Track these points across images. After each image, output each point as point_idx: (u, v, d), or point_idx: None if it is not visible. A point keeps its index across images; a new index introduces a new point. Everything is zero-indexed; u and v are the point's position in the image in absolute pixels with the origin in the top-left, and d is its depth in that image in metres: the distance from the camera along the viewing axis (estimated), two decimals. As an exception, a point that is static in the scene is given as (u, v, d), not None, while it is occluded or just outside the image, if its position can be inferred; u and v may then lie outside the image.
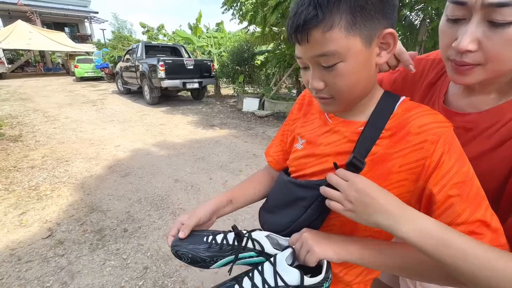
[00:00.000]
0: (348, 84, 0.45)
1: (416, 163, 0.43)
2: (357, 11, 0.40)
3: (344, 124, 0.53)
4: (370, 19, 0.41)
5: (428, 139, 0.42)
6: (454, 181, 0.41)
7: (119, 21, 25.72)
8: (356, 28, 0.41)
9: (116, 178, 3.04)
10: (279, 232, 0.54)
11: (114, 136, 4.57)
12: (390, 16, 0.43)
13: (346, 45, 0.41)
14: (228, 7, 5.63)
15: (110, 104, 7.59)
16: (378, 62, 0.46)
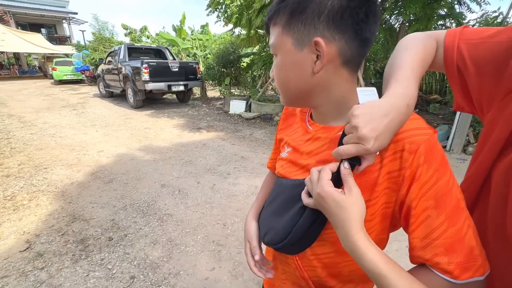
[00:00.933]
0: (279, 78, 0.50)
1: (398, 173, 0.43)
2: (296, 14, 0.44)
3: (323, 130, 0.53)
4: (305, 25, 0.43)
5: (406, 148, 0.41)
6: (432, 193, 0.40)
7: (99, 22, 24.91)
8: (290, 29, 0.45)
9: (99, 185, 2.93)
10: (280, 241, 0.52)
11: (97, 141, 4.42)
12: (334, 28, 0.42)
13: (280, 41, 0.47)
14: (213, 9, 5.60)
15: (92, 108, 7.33)
16: (314, 70, 0.46)
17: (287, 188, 0.56)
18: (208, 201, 2.65)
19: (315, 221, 0.47)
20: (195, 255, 1.93)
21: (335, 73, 0.47)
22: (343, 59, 0.45)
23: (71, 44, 18.77)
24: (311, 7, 0.42)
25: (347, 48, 0.44)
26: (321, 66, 0.45)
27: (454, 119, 3.98)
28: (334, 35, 0.43)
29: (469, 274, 0.39)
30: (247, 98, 6.98)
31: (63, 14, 21.71)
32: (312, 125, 0.56)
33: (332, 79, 0.47)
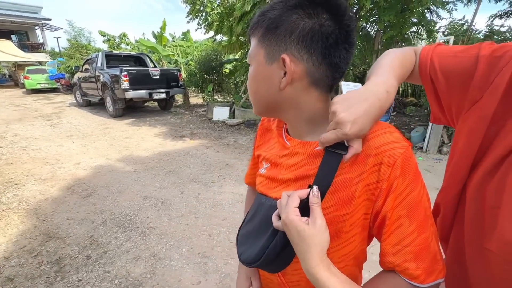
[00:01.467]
0: (251, 87, 0.52)
1: (375, 185, 0.44)
2: (271, 29, 0.45)
3: (301, 145, 0.53)
4: (277, 41, 0.45)
5: (385, 162, 0.43)
6: (405, 203, 0.43)
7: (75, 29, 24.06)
8: (264, 42, 0.47)
9: (76, 200, 2.78)
10: (254, 262, 0.52)
11: (73, 153, 4.21)
12: (303, 48, 0.43)
13: (255, 53, 0.49)
14: (193, 17, 5.58)
15: (68, 117, 7.02)
16: (280, 86, 0.47)
17: (264, 208, 0.55)
18: (192, 211, 2.59)
19: (288, 245, 0.46)
20: (180, 269, 1.86)
21: (304, 91, 0.48)
22: (312, 80, 0.46)
23: (45, 52, 17.99)
24: (285, 25, 0.44)
25: (314, 69, 0.45)
26: (286, 83, 0.46)
27: (429, 121, 4.18)
28: (303, 55, 0.44)
29: (433, 277, 0.42)
30: (230, 104, 6.97)
31: (35, 21, 20.82)
32: (289, 140, 0.56)
33: (301, 97, 0.48)
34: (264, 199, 0.57)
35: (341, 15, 0.43)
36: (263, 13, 0.47)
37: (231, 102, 7.23)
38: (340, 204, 0.46)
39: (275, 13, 0.45)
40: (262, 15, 0.47)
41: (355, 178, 0.45)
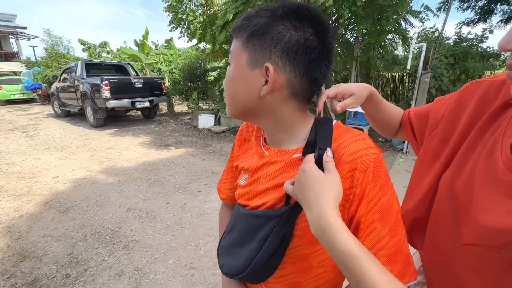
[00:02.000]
0: (228, 88, 0.51)
1: (349, 191, 0.45)
2: (256, 35, 0.45)
3: (279, 154, 0.53)
4: (262, 48, 0.45)
5: (358, 168, 0.44)
6: (377, 207, 0.44)
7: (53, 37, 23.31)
8: (248, 47, 0.46)
9: (54, 215, 2.65)
10: (238, 274, 0.51)
11: (51, 166, 4.03)
12: (287, 59, 0.44)
13: (237, 54, 0.48)
14: (176, 25, 5.57)
15: (45, 129, 6.72)
16: (261, 93, 0.46)
17: (245, 218, 0.55)
18: (178, 222, 2.53)
19: (276, 253, 0.47)
20: (166, 283, 1.80)
21: (283, 101, 0.48)
22: (292, 91, 0.47)
23: (20, 61, 17.25)
24: (271, 34, 0.44)
25: (296, 82, 0.46)
26: (267, 92, 0.46)
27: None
28: (286, 66, 0.45)
29: (406, 279, 0.43)
30: (215, 111, 6.94)
31: (9, 29, 20.00)
32: (267, 149, 0.57)
33: (279, 107, 0.49)
34: (243, 209, 0.56)
35: (324, 31, 0.45)
36: (248, 17, 0.47)
37: (216, 109, 7.21)
38: None
39: (262, 21, 0.45)
40: (248, 20, 0.47)
41: None
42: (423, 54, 4.02)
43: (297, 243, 0.49)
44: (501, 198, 0.40)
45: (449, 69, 4.30)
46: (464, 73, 4.35)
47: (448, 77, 4.23)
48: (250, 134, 0.65)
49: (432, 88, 4.26)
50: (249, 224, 0.53)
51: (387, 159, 4.14)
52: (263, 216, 0.51)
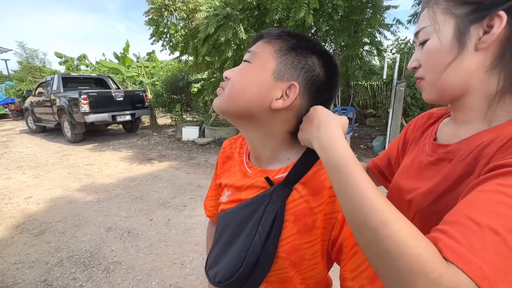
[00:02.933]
0: (239, 81, 0.49)
1: (331, 215, 0.47)
2: (293, 52, 0.48)
3: (261, 173, 0.54)
4: (294, 66, 0.47)
5: None
6: None
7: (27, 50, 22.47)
8: (281, 57, 0.48)
9: (26, 240, 2.47)
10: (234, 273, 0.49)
11: (24, 186, 3.79)
12: (309, 89, 0.49)
13: (265, 58, 0.48)
14: (157, 38, 5.55)
15: (18, 146, 6.36)
16: (273, 105, 0.47)
17: (234, 214, 0.55)
18: (162, 239, 2.44)
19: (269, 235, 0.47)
20: (150, 306, 1.72)
21: (284, 121, 0.50)
22: (297, 115, 0.50)
23: (-9, 75, 16.41)
24: (307, 60, 0.48)
25: (305, 109, 0.50)
26: (281, 107, 0.47)
27: (387, 130, 4.53)
28: (305, 93, 0.49)
29: None
30: (200, 123, 6.89)
31: (-21, 42, 19.06)
32: (250, 167, 0.57)
33: (278, 124, 0.50)
34: (229, 209, 0.56)
35: (337, 81, 0.52)
36: (290, 33, 0.50)
37: (200, 121, 7.16)
38: (302, 232, 0.48)
39: (303, 44, 0.49)
40: (289, 35, 0.49)
41: (316, 207, 0.48)
42: (397, 65, 4.24)
43: (282, 265, 0.49)
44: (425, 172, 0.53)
45: (421, 78, 4.56)
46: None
47: (421, 85, 4.48)
48: (233, 151, 0.65)
49: (407, 96, 4.48)
50: (239, 218, 0.53)
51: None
52: (254, 202, 0.51)
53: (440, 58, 0.45)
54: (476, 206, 0.32)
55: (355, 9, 4.43)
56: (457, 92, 0.46)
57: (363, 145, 5.37)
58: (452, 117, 0.54)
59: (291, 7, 3.92)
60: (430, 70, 0.47)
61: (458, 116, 0.51)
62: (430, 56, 0.46)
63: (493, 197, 0.31)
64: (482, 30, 0.41)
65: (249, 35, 4.27)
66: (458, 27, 0.43)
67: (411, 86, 4.51)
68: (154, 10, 4.96)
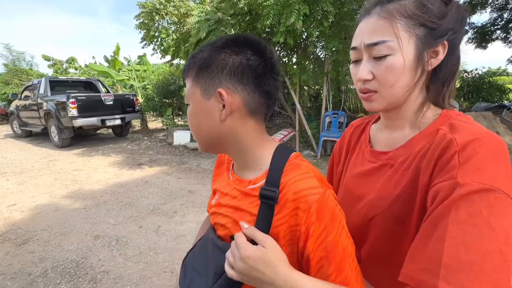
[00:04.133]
0: (192, 124, 0.55)
1: (295, 227, 0.47)
2: (203, 68, 0.50)
3: (238, 182, 0.56)
4: (211, 78, 0.49)
5: (301, 207, 0.45)
6: (323, 246, 0.45)
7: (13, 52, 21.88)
8: (198, 81, 0.51)
9: (8, 249, 2.37)
10: None
11: (7, 193, 3.65)
12: (236, 80, 0.49)
13: (191, 92, 0.52)
14: (148, 42, 5.50)
15: (2, 151, 6.15)
16: (221, 118, 0.50)
17: (209, 246, 0.57)
18: (152, 247, 2.38)
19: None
20: (138, 317, 1.66)
21: (241, 121, 0.51)
22: (248, 109, 0.51)
23: (-26, 78, 15.87)
24: (215, 63, 0.49)
25: (250, 99, 0.50)
26: (226, 114, 0.50)
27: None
28: (237, 86, 0.49)
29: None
30: (191, 127, 6.84)
31: (-37, 44, 18.48)
32: (232, 174, 0.60)
33: (239, 128, 0.52)
34: (210, 234, 0.59)
35: (262, 50, 0.50)
36: (193, 56, 0.52)
37: (192, 125, 7.11)
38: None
39: (205, 54, 0.50)
40: (193, 58, 0.52)
41: (279, 219, 0.48)
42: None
43: None
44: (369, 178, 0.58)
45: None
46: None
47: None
48: (225, 157, 0.69)
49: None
50: (210, 254, 0.56)
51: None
52: (222, 249, 0.53)
53: (402, 76, 0.48)
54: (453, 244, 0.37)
55: (346, 15, 4.51)
56: (400, 104, 0.52)
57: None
58: (384, 124, 0.60)
59: (282, 13, 3.96)
60: (387, 86, 0.49)
61: (391, 124, 0.57)
62: (392, 73, 0.48)
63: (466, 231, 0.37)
64: (430, 53, 0.47)
65: (240, 40, 4.29)
66: (418, 48, 0.47)
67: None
68: (145, 14, 4.93)
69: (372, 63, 0.49)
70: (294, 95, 5.20)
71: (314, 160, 4.80)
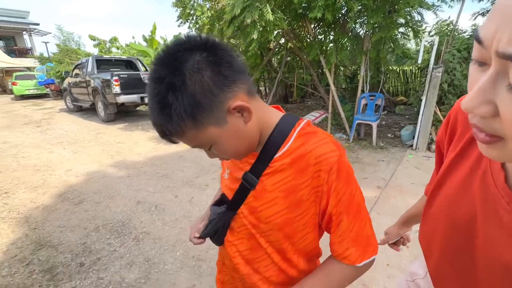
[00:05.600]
0: (231, 152, 0.53)
1: (317, 189, 0.53)
2: (194, 113, 0.44)
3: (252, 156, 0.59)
4: (207, 111, 0.44)
5: (322, 169, 0.51)
6: (343, 201, 0.53)
7: (64, 33, 23.73)
8: (202, 124, 0.45)
9: (68, 207, 2.75)
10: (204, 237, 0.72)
11: (64, 160, 4.16)
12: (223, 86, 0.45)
13: (204, 137, 0.48)
14: (184, 20, 5.58)
15: (58, 123, 6.92)
16: (246, 121, 0.50)
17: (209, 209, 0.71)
18: (186, 215, 2.59)
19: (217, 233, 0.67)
20: (174, 273, 1.87)
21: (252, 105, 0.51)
22: (248, 92, 0.50)
23: (33, 57, 17.67)
24: (191, 99, 0.43)
25: (243, 86, 0.49)
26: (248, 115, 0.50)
27: (418, 119, 4.27)
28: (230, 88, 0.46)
29: (367, 256, 0.56)
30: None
31: (23, 26, 20.43)
32: None
33: (257, 114, 0.53)
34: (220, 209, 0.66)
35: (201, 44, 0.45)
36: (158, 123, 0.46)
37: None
38: (292, 207, 0.55)
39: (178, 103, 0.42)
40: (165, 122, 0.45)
41: (302, 184, 0.53)
42: (435, 48, 3.91)
43: (276, 237, 0.60)
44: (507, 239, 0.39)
45: (462, 63, 4.17)
46: (478, 68, 4.21)
47: (461, 71, 4.11)
48: None
49: (444, 83, 4.15)
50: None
51: (396, 155, 4.09)
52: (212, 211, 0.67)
53: None
54: None
55: (392, -14, 4.09)
56: None
57: (390, 134, 5.14)
58: None
59: (321, -15, 3.72)
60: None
61: None
62: None
63: None
64: None
65: (275, 16, 4.14)
66: None
67: (449, 72, 4.16)
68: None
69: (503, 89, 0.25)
70: (329, 76, 4.98)
71: (346, 144, 4.66)
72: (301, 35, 6.04)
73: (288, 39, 5.84)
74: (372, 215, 2.47)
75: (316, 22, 5.30)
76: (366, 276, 1.73)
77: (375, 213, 2.51)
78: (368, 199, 2.77)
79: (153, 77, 0.44)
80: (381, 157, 4.02)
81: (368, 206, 2.63)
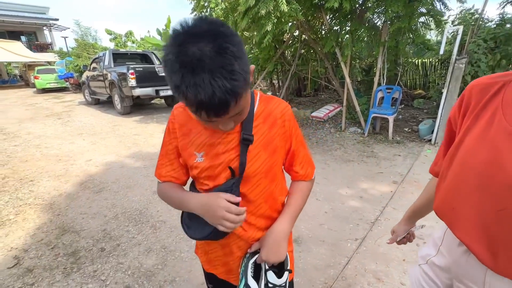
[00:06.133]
0: (244, 117, 0.64)
1: (284, 134, 0.73)
2: (247, 76, 0.51)
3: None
4: (248, 75, 0.52)
5: (286, 119, 0.72)
6: (298, 139, 0.76)
7: (82, 28, 24.34)
8: (248, 85, 0.53)
9: (88, 195, 2.87)
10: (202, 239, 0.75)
11: (84, 150, 4.33)
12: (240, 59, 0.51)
13: (244, 102, 0.56)
14: (198, 13, 5.57)
15: (78, 116, 7.17)
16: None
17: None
18: (201, 205, 2.64)
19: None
20: (190, 261, 1.92)
21: None
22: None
23: (53, 51, 18.27)
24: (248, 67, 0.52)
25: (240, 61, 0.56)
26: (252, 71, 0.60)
27: (438, 113, 4.11)
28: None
29: (314, 170, 0.82)
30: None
31: (43, 21, 21.13)
32: None
33: None
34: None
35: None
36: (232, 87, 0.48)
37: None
38: (270, 154, 0.71)
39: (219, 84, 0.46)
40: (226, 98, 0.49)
41: (274, 134, 0.71)
42: (459, 38, 3.72)
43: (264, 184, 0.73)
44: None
45: (488, 54, 3.95)
46: (505, 58, 3.97)
47: (486, 62, 3.89)
48: (188, 111, 0.69)
49: (467, 75, 3.95)
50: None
51: (413, 150, 3.97)
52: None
53: None
54: None
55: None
56: None
57: (407, 128, 4.99)
58: None
59: (338, -26, 3.60)
60: None
61: None
62: None
63: None
64: None
65: (291, 7, 4.06)
66: None
67: (473, 63, 3.96)
68: (195, -17, 4.94)
69: None
70: (344, 68, 4.87)
71: (361, 138, 4.56)
72: (316, 27, 5.90)
73: (302, 31, 5.73)
74: (388, 210, 2.42)
75: (332, 13, 5.16)
76: (382, 271, 1.72)
77: (391, 208, 2.46)
78: (383, 194, 2.72)
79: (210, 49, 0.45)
80: (397, 152, 3.91)
81: (384, 201, 2.58)
